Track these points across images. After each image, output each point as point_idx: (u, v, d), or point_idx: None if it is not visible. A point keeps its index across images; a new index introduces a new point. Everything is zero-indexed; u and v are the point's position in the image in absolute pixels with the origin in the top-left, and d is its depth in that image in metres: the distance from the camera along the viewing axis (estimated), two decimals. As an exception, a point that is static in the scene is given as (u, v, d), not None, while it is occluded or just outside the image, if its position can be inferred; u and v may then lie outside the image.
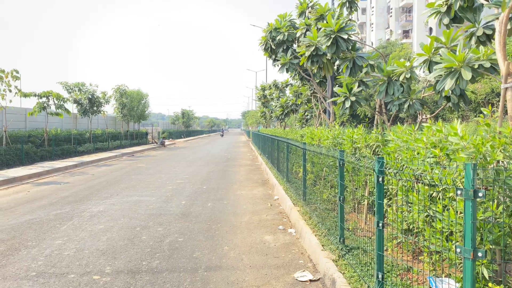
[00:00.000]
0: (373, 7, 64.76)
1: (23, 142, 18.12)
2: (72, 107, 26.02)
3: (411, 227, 4.37)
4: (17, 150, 17.62)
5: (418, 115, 6.67)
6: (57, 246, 6.07)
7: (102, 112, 27.47)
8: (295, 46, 11.75)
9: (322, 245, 5.45)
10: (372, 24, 64.65)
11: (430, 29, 49.36)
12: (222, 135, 77.07)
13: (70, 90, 24.84)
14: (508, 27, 4.26)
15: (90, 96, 25.59)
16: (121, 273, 5.00)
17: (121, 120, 33.64)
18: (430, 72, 5.36)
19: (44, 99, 19.70)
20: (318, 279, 4.80)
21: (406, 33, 58.53)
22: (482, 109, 3.92)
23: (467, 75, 4.34)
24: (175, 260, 5.47)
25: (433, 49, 5.41)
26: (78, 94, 25.00)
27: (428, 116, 6.67)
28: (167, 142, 42.28)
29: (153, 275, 4.94)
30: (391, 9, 60.42)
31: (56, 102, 20.20)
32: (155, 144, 37.62)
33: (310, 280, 4.77)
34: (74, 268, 5.17)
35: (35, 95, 19.38)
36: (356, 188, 6.24)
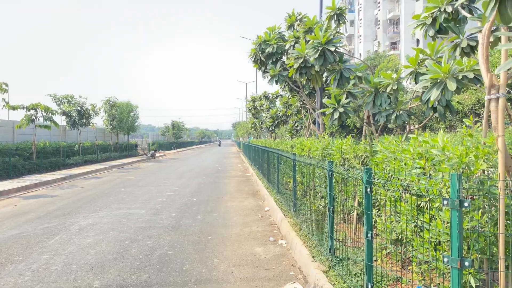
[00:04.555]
0: (361, 19, 65.70)
1: (11, 155, 17.89)
2: (61, 119, 25.83)
3: (400, 237, 4.40)
4: (4, 163, 17.39)
5: (407, 126, 6.76)
6: (44, 261, 5.98)
7: (91, 124, 27.28)
8: (284, 58, 11.84)
9: (313, 256, 5.45)
10: (360, 36, 65.51)
11: (417, 40, 50.19)
12: (220, 145, 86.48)
13: (59, 102, 24.67)
14: (491, 40, 4.36)
15: (79, 108, 25.44)
16: (110, 287, 4.93)
17: (110, 132, 33.44)
18: (416, 83, 5.45)
19: (32, 112, 19.51)
20: (309, 291, 4.79)
21: (394, 45, 59.40)
22: (464, 120, 3.99)
23: (452, 86, 4.42)
24: (164, 273, 5.42)
25: (419, 61, 5.51)
26: (67, 106, 24.83)
27: (416, 126, 6.76)
28: (157, 154, 42.06)
29: (142, 289, 4.89)
30: (379, 21, 61.36)
31: (45, 114, 20.01)
32: (145, 156, 37.40)
33: (301, 292, 4.76)
34: (62, 283, 5.09)
35: (23, 108, 19.19)
36: (345, 199, 6.27)
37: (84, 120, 26.17)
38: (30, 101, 20.21)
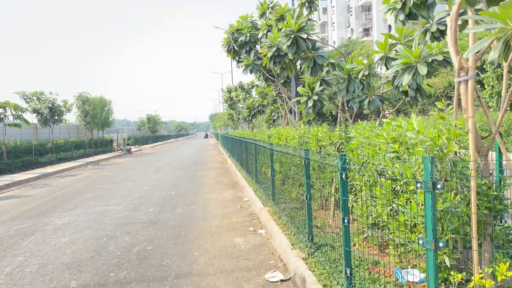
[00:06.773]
0: (333, 7, 65.94)
1: (-20, 156, 17.30)
2: (32, 117, 25.06)
3: (376, 221, 4.45)
4: (-27, 164, 16.80)
5: (382, 111, 6.82)
6: (18, 263, 5.81)
7: (64, 121, 26.59)
8: (258, 47, 11.77)
9: (292, 244, 5.47)
10: (334, 23, 65.82)
11: (389, 26, 50.73)
12: (207, 137, 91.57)
13: (28, 100, 23.89)
14: (459, 23, 4.41)
15: (50, 105, 24.71)
16: (88, 286, 4.84)
17: (84, 128, 32.71)
18: (387, 68, 5.49)
19: (1, 110, 18.86)
20: (289, 279, 4.81)
21: (367, 31, 59.95)
22: (436, 103, 4.03)
23: (423, 70, 4.46)
24: (143, 269, 5.35)
25: (389, 46, 5.54)
26: (38, 103, 24.08)
27: (390, 111, 6.84)
28: (133, 148, 41.46)
29: (121, 286, 4.81)
30: (351, 8, 61.74)
31: (14, 112, 19.37)
32: (120, 151, 36.82)
33: (281, 280, 4.78)
34: (37, 285, 4.96)
35: (-10, 107, 18.54)
36: (322, 186, 6.30)
37: (56, 117, 25.46)
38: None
